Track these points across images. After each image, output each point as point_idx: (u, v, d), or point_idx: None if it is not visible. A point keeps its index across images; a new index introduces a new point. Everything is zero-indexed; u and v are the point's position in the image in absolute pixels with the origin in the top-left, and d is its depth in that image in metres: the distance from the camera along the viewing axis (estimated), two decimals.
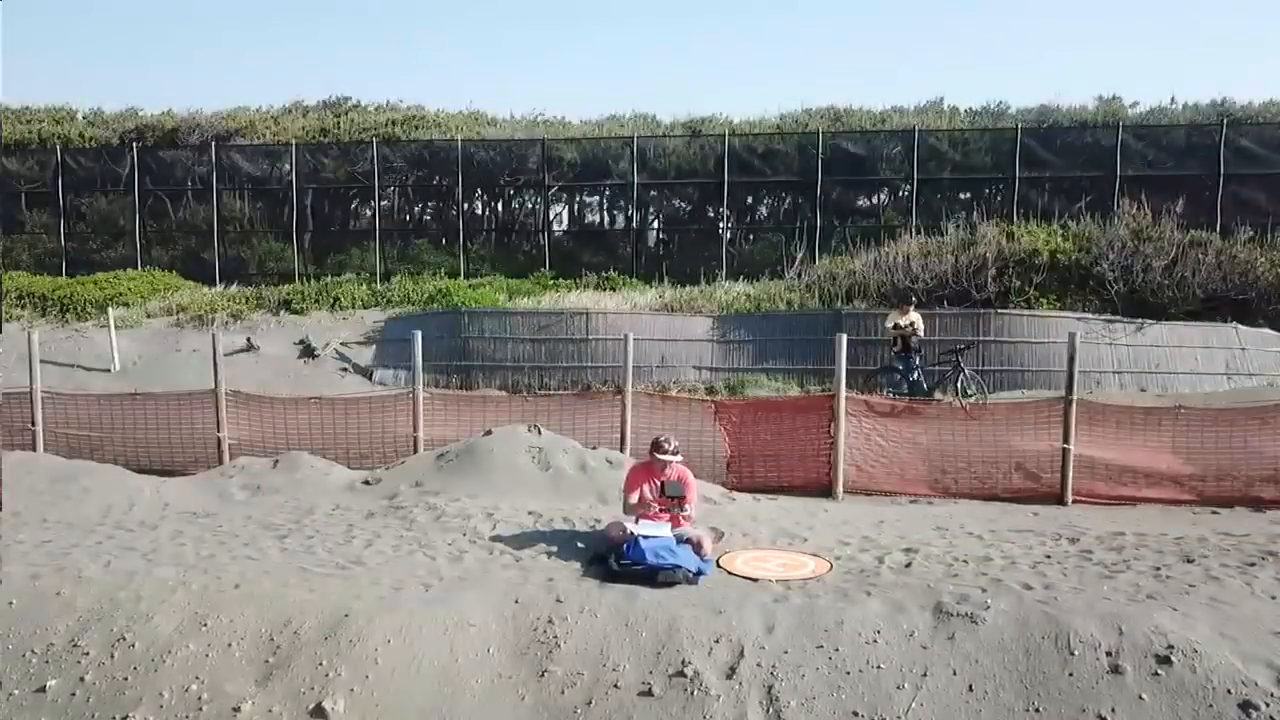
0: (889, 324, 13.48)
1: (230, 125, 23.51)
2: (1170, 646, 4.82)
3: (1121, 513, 9.00)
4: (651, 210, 22.31)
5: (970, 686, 4.78)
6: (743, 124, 22.83)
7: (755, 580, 6.05)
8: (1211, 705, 4.53)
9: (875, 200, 21.63)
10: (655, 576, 5.89)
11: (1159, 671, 4.71)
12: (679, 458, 6.77)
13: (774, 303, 17.24)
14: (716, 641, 5.11)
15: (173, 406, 11.20)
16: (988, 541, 7.12)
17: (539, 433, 9.15)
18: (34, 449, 10.65)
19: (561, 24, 74.73)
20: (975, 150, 20.33)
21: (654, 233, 22.59)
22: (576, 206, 22.98)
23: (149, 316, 18.40)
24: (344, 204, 22.63)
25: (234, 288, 19.70)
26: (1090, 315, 15.70)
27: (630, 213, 21.58)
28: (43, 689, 4.95)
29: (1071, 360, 9.77)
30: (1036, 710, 4.63)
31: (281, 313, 18.28)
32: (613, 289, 18.71)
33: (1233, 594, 5.61)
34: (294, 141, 21.80)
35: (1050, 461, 9.70)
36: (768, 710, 4.70)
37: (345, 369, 16.27)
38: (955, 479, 9.86)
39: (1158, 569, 6.19)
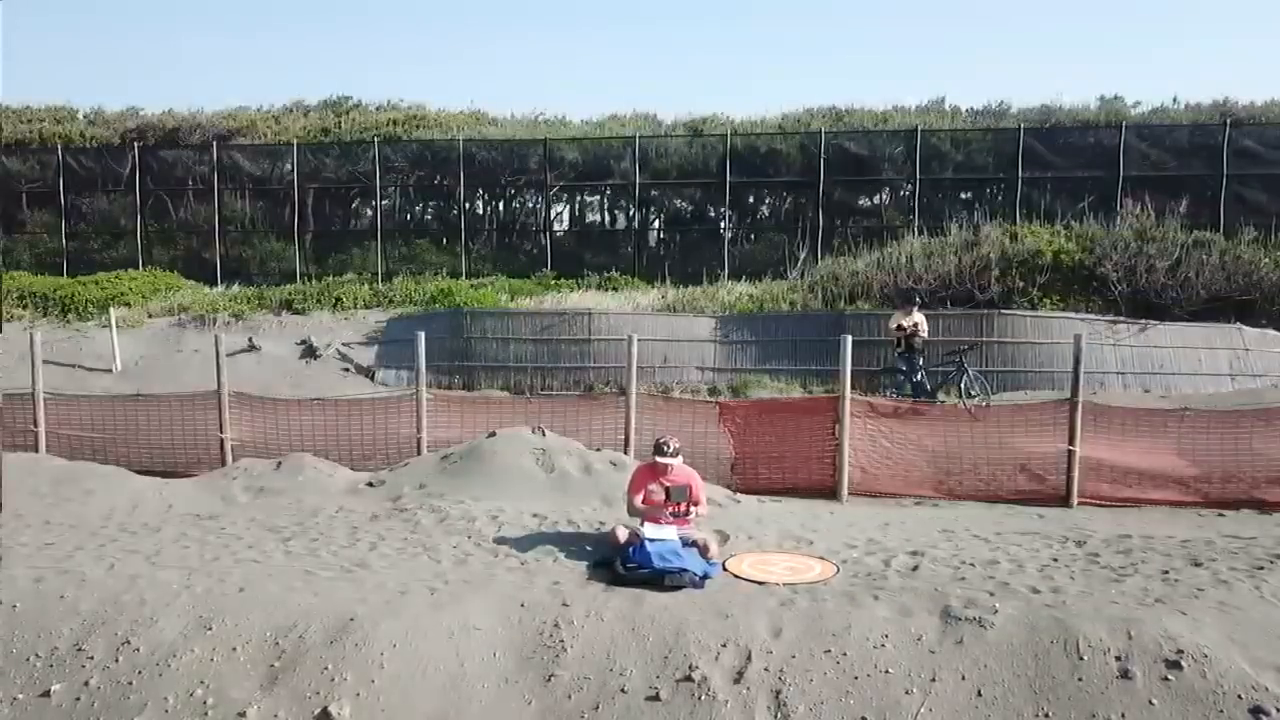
0: (892, 325, 13.44)
1: (231, 125, 23.51)
2: (1180, 651, 4.80)
3: (1127, 515, 8.98)
4: (653, 210, 22.27)
5: (979, 691, 4.76)
6: (744, 124, 22.79)
7: (762, 584, 6.03)
8: (1222, 711, 4.51)
9: (877, 200, 21.60)
10: (661, 580, 5.86)
11: (1169, 676, 4.69)
12: (679, 459, 6.78)
13: (776, 303, 17.21)
14: (724, 646, 5.09)
15: (175, 407, 11.17)
16: (994, 544, 7.09)
17: (543, 434, 9.12)
18: (36, 450, 10.63)
19: (562, 23, 74.71)
20: (977, 150, 20.30)
21: (655, 233, 22.56)
22: (578, 206, 22.94)
23: (150, 316, 18.38)
24: (345, 204, 22.61)
25: (235, 288, 19.68)
26: (1094, 316, 15.67)
27: (632, 213, 21.56)
28: (47, 693, 4.93)
29: (1077, 362, 9.75)
30: (1046, 715, 4.61)
31: (283, 313, 18.25)
32: (615, 289, 18.68)
33: (1242, 598, 5.58)
34: (295, 141, 21.78)
35: (1055, 463, 9.68)
36: (775, 715, 4.68)
37: (347, 369, 16.24)
38: (960, 481, 9.84)
39: (1166, 572, 6.16)
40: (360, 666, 4.98)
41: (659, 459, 6.67)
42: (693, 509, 6.59)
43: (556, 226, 22.13)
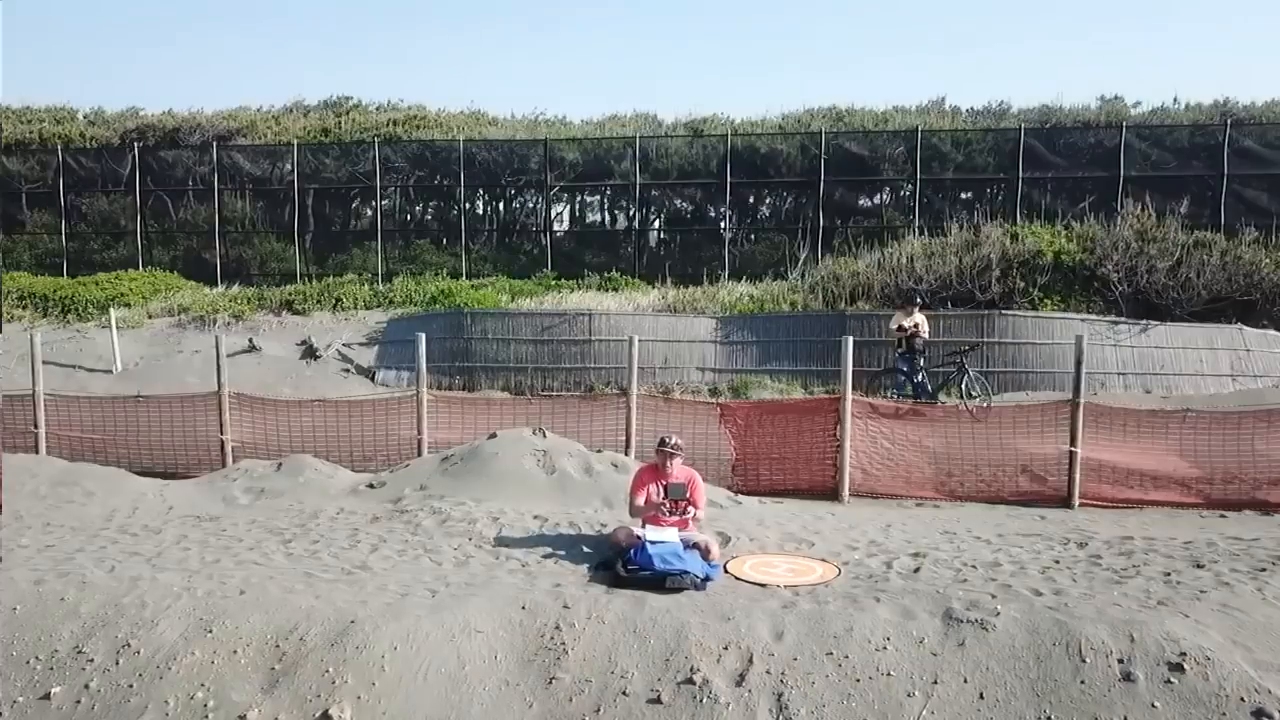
0: (893, 325, 13.42)
1: (231, 125, 23.49)
2: (1183, 654, 4.78)
3: (1128, 516, 8.98)
4: (653, 210, 22.27)
5: (981, 694, 4.74)
6: (744, 124, 22.79)
7: (763, 586, 6.02)
8: (1225, 714, 4.49)
9: (878, 200, 21.58)
10: (663, 582, 5.85)
11: (1171, 679, 4.68)
12: (681, 453, 6.81)
13: (777, 303, 17.20)
14: (725, 648, 5.08)
15: (175, 408, 11.17)
16: (996, 546, 7.09)
17: (544, 435, 9.11)
18: (37, 451, 10.63)
19: (563, 23, 74.70)
20: (978, 150, 20.28)
21: (656, 233, 22.54)
22: (578, 206, 22.93)
23: (150, 317, 18.37)
24: (345, 204, 22.59)
25: (235, 288, 19.67)
26: (1095, 316, 15.67)
27: (632, 213, 21.54)
28: (47, 696, 4.92)
29: (1079, 363, 9.74)
30: (1048, 718, 4.59)
31: (283, 313, 18.25)
32: (615, 289, 18.67)
33: (1244, 600, 5.57)
34: (295, 141, 21.77)
35: (1056, 464, 9.67)
36: (777, 717, 4.66)
37: (348, 370, 16.23)
38: (961, 482, 9.83)
39: (1168, 574, 6.15)
40: (361, 669, 4.97)
41: (660, 449, 6.73)
42: (692, 510, 6.60)
43: (557, 227, 22.12)
